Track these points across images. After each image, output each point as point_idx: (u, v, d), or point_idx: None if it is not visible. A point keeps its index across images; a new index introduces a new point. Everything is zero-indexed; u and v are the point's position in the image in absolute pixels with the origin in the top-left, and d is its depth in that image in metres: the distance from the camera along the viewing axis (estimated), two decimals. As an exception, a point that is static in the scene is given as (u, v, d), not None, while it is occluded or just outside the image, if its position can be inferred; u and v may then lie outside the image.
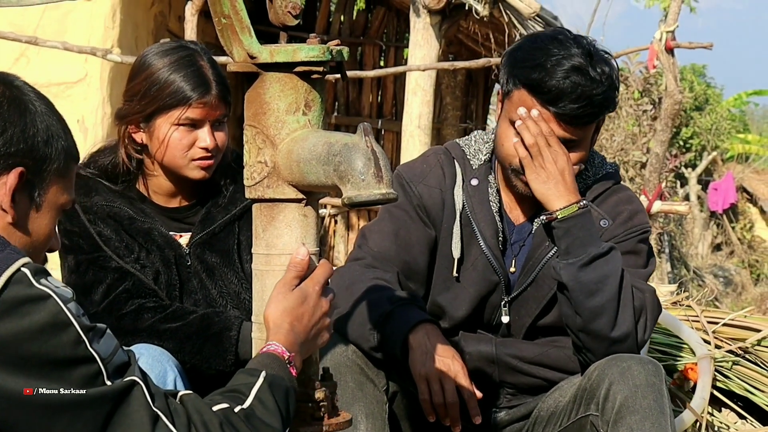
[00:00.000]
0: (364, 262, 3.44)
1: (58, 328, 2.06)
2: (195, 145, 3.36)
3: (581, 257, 3.22)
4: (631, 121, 14.69)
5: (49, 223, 2.30)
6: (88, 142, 8.66)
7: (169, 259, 3.39)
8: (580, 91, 3.25)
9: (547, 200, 3.26)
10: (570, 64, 3.25)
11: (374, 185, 2.32)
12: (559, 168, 3.26)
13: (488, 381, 3.44)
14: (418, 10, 8.92)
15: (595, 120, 3.34)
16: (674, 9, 8.29)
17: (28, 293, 2.06)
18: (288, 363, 2.37)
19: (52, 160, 2.26)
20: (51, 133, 2.27)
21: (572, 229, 3.24)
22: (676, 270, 14.48)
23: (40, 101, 2.29)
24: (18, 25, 8.37)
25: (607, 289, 3.22)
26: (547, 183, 3.25)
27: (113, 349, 2.14)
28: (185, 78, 3.33)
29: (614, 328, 3.24)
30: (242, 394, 2.27)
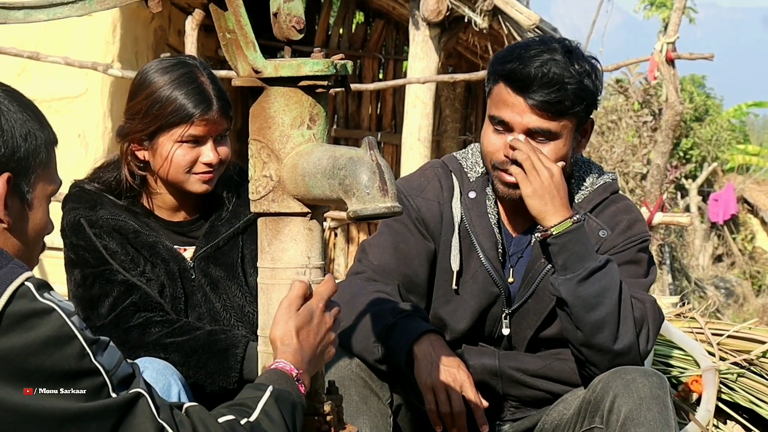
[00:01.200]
0: (365, 276, 3.44)
1: (63, 341, 2.06)
2: (198, 160, 3.37)
3: (579, 272, 3.22)
4: (631, 132, 14.70)
5: (43, 215, 2.30)
6: (89, 156, 8.68)
7: (174, 273, 3.40)
8: (552, 77, 3.25)
9: (542, 216, 3.26)
10: (547, 56, 3.28)
11: (379, 199, 2.32)
12: (554, 182, 3.25)
13: (492, 394, 3.43)
14: (417, 23, 8.93)
15: (569, 111, 3.30)
16: (674, 20, 8.31)
17: (33, 307, 2.06)
18: (296, 380, 2.38)
19: (34, 155, 2.25)
20: (28, 129, 2.24)
21: (568, 244, 3.24)
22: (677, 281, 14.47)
23: (8, 98, 2.25)
24: (20, 40, 8.39)
25: (607, 302, 3.22)
26: (543, 198, 3.24)
27: (117, 361, 2.15)
28: (187, 95, 3.34)
29: (616, 340, 3.24)
30: (248, 407, 2.27)
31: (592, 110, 3.37)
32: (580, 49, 3.37)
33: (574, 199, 3.43)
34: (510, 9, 8.48)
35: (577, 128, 3.35)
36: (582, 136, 3.40)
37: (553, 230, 3.24)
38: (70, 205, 3.41)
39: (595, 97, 3.34)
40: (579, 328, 3.24)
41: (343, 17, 11.69)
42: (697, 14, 28.48)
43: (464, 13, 8.67)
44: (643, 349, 3.30)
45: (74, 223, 3.37)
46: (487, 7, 8.49)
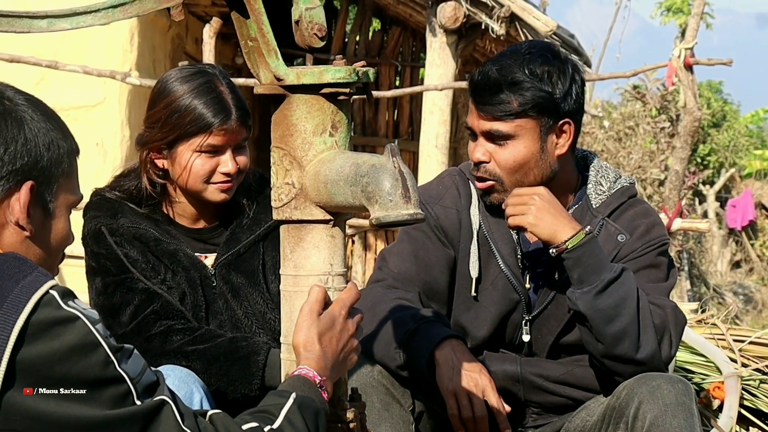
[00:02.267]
0: (386, 283, 3.44)
1: (88, 349, 2.07)
2: (217, 170, 3.37)
3: (595, 284, 3.21)
4: (649, 138, 14.68)
5: (64, 225, 2.30)
6: (108, 164, 8.70)
7: (195, 280, 3.40)
8: (493, 81, 3.28)
9: (553, 235, 3.24)
10: (502, 59, 3.32)
11: (402, 206, 2.32)
12: (546, 201, 3.25)
13: (513, 400, 3.43)
14: (434, 30, 8.94)
15: (520, 112, 3.29)
16: (692, 26, 8.29)
17: (58, 315, 2.07)
18: (319, 387, 2.38)
19: (57, 165, 2.26)
20: (51, 138, 2.25)
21: (582, 257, 3.22)
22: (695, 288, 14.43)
23: (32, 107, 2.26)
24: (38, 49, 8.43)
25: (626, 312, 3.21)
26: (544, 220, 3.23)
27: (141, 369, 2.15)
28: (206, 105, 3.34)
29: (638, 350, 3.23)
30: (272, 414, 2.27)
31: (557, 111, 3.32)
32: (547, 50, 3.37)
33: (591, 204, 3.43)
34: (527, 16, 8.48)
35: (542, 129, 3.33)
36: (557, 136, 3.37)
37: (568, 244, 3.21)
38: (91, 214, 3.41)
39: (550, 97, 3.29)
40: (599, 341, 3.23)
41: (360, 24, 11.70)
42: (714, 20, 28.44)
43: (481, 20, 8.67)
44: (666, 356, 3.29)
45: (95, 231, 3.38)
46: (504, 13, 8.49)
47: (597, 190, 3.45)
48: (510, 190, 3.34)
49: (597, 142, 15.30)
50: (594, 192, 3.45)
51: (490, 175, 3.35)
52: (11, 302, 2.05)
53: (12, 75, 8.64)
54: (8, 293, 2.05)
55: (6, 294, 2.05)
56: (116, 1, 2.39)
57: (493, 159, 3.34)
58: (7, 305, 2.04)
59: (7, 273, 2.09)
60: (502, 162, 3.32)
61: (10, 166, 2.19)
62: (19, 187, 2.20)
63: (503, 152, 3.32)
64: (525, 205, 3.24)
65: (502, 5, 8.51)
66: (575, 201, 3.46)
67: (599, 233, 3.38)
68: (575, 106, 3.35)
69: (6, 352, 2.01)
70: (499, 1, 8.53)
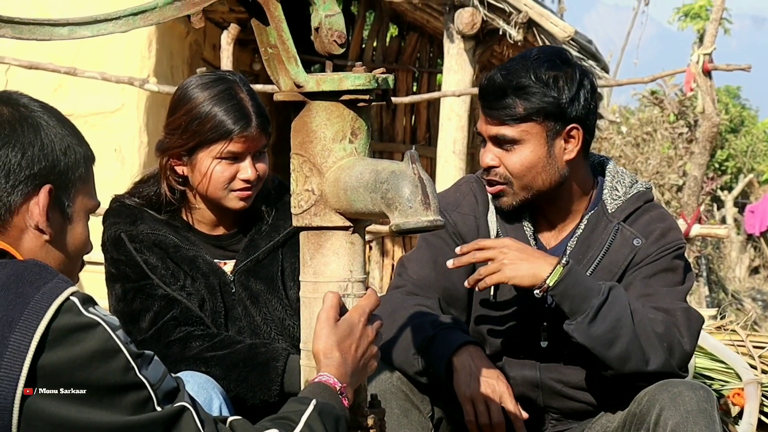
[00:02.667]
0: (405, 290, 3.45)
1: (108, 355, 2.07)
2: (236, 177, 3.38)
3: (586, 312, 3.19)
4: (667, 144, 14.65)
5: (83, 230, 2.31)
6: (126, 170, 8.73)
7: (214, 287, 3.40)
8: (499, 84, 3.30)
9: (534, 278, 3.20)
10: (510, 64, 3.34)
11: (422, 212, 2.32)
12: (515, 247, 3.23)
13: (533, 406, 3.43)
14: (452, 36, 8.95)
15: (525, 117, 3.30)
16: (711, 31, 8.28)
17: (78, 321, 2.07)
18: (339, 393, 2.38)
19: (74, 169, 2.28)
20: (67, 143, 2.27)
21: (567, 289, 3.21)
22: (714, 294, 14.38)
23: (47, 114, 2.29)
24: (56, 56, 8.45)
25: (623, 332, 3.20)
26: (521, 267, 3.20)
27: (161, 375, 2.16)
28: (226, 112, 3.35)
29: (647, 363, 3.22)
30: (292, 421, 2.27)
31: (564, 116, 3.32)
32: (555, 55, 3.37)
33: (607, 209, 3.43)
34: (545, 21, 8.48)
35: (548, 134, 3.33)
36: (565, 141, 3.37)
37: (548, 282, 3.19)
38: (111, 220, 3.42)
39: (557, 102, 3.30)
40: (606, 365, 3.24)
41: (377, 31, 11.71)
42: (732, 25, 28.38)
43: (499, 25, 8.67)
44: (679, 360, 3.27)
45: (115, 237, 3.39)
46: (521, 19, 8.49)
47: (612, 195, 3.45)
48: (520, 193, 3.36)
49: (615, 147, 15.27)
50: (609, 197, 3.45)
51: (500, 179, 3.36)
52: (32, 308, 2.05)
53: (30, 82, 8.69)
54: (29, 299, 2.06)
55: (27, 300, 2.06)
56: (136, 9, 2.40)
57: (502, 163, 3.35)
58: (28, 311, 2.05)
59: (28, 279, 2.10)
60: (510, 166, 3.33)
61: (27, 170, 2.21)
62: (38, 191, 2.22)
63: (511, 157, 3.33)
64: (497, 262, 3.22)
65: (520, 11, 8.51)
66: (591, 206, 3.46)
67: (615, 238, 3.39)
68: (584, 111, 3.34)
69: (27, 357, 2.02)
70: (517, 7, 8.53)
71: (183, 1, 2.41)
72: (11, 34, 2.26)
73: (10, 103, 2.27)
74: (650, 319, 3.25)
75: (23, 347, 2.02)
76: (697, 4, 27.76)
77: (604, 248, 3.39)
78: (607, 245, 3.39)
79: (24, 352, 2.02)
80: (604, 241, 3.39)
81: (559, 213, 3.45)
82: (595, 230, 3.42)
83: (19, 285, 2.08)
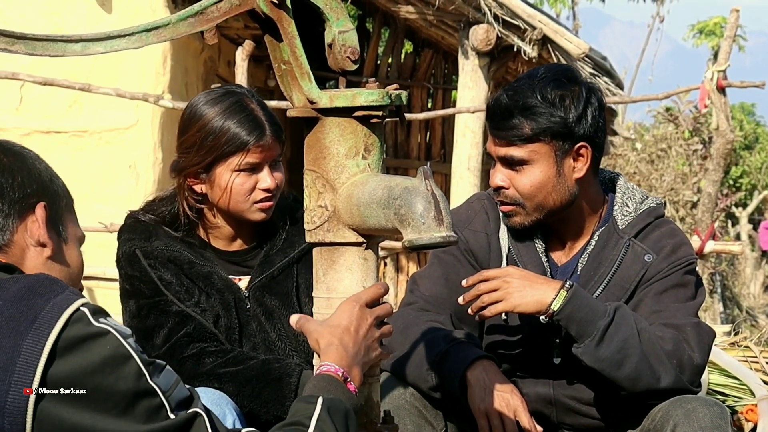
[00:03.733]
0: (417, 306, 3.46)
1: (120, 361, 2.10)
2: (256, 187, 3.38)
3: (593, 335, 3.19)
4: (681, 160, 14.65)
5: (78, 254, 2.37)
6: (140, 186, 8.74)
7: (229, 303, 3.40)
8: (504, 107, 3.30)
9: (540, 303, 3.20)
10: (517, 84, 3.33)
11: (435, 228, 2.32)
12: (516, 275, 3.23)
13: (546, 422, 3.43)
14: (466, 52, 8.96)
15: (533, 137, 3.29)
16: (725, 48, 8.28)
17: (88, 331, 2.10)
18: (344, 380, 2.37)
19: (60, 196, 2.36)
20: (50, 173, 2.36)
21: (572, 313, 3.20)
22: (728, 310, 14.37)
23: (29, 151, 2.38)
24: (71, 72, 8.47)
25: (631, 352, 3.20)
26: (525, 295, 3.20)
27: (173, 383, 2.18)
28: (240, 123, 3.35)
29: (659, 380, 3.22)
30: (303, 425, 2.28)
31: (572, 135, 3.31)
32: (562, 73, 3.36)
33: (618, 225, 3.42)
34: (559, 38, 8.49)
35: (557, 153, 3.32)
36: (575, 160, 3.36)
37: (554, 307, 3.19)
38: (126, 236, 3.43)
39: (563, 122, 3.29)
40: (618, 385, 3.23)
41: (392, 47, 11.72)
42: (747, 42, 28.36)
43: (513, 42, 8.68)
44: (690, 376, 3.25)
45: (129, 253, 3.39)
46: (536, 36, 8.50)
47: (623, 212, 3.45)
48: (532, 213, 3.35)
49: (629, 164, 15.27)
50: (620, 213, 3.44)
51: (511, 200, 3.36)
52: (43, 319, 2.09)
53: (45, 98, 8.73)
54: (40, 311, 2.10)
55: (38, 311, 2.09)
56: (150, 25, 2.41)
57: (512, 185, 3.34)
58: (39, 322, 2.08)
59: (39, 291, 2.13)
60: (520, 187, 3.33)
61: (20, 191, 2.29)
62: (33, 209, 2.28)
63: (521, 177, 3.33)
64: (501, 291, 3.22)
65: (535, 27, 8.52)
66: (601, 223, 3.45)
67: (626, 254, 3.38)
68: (592, 129, 3.34)
69: (39, 366, 2.05)
70: (532, 24, 8.54)
71: (196, 18, 2.42)
72: (24, 51, 2.28)
73: None
74: (658, 337, 3.24)
75: (34, 356, 2.05)
76: (712, 21, 27.77)
77: (615, 264, 3.39)
78: (618, 261, 3.39)
79: (36, 361, 2.05)
80: (615, 258, 3.39)
81: (570, 230, 3.45)
82: (606, 246, 3.41)
83: (30, 297, 2.12)
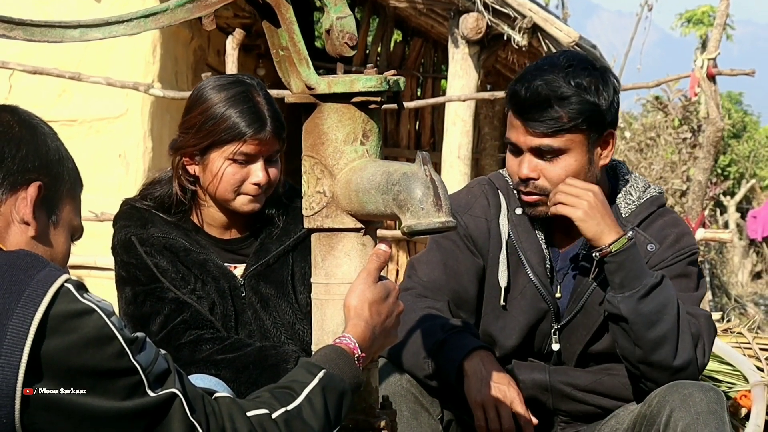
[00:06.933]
0: (415, 292, 3.44)
1: (103, 341, 2.10)
2: (247, 180, 3.38)
3: (638, 289, 3.20)
4: (670, 149, 14.66)
5: (66, 241, 2.35)
6: (130, 176, 8.72)
7: (224, 290, 3.41)
8: (543, 97, 3.25)
9: (599, 237, 3.23)
10: (545, 75, 3.28)
11: (434, 214, 2.33)
12: (599, 201, 3.24)
13: (542, 409, 3.43)
14: (456, 41, 8.95)
15: (569, 127, 3.28)
16: (715, 36, 8.29)
17: (74, 308, 2.10)
18: (356, 359, 2.40)
19: (64, 180, 2.33)
20: (61, 154, 2.34)
21: (625, 262, 3.22)
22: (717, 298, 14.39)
23: (46, 126, 2.35)
24: (61, 61, 8.45)
25: (667, 318, 3.20)
26: (594, 218, 3.22)
27: (153, 357, 2.19)
28: (241, 114, 3.35)
29: (676, 356, 3.22)
30: (294, 392, 2.30)
31: (603, 122, 3.32)
32: (586, 61, 3.36)
33: (621, 213, 3.42)
34: (549, 26, 8.48)
35: (589, 141, 3.32)
36: (602, 147, 3.37)
37: (612, 248, 3.21)
38: (121, 223, 3.43)
39: (598, 109, 3.29)
40: (638, 346, 3.23)
41: (382, 36, 11.70)
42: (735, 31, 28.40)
43: (503, 30, 8.67)
44: (701, 364, 3.29)
45: (125, 240, 3.39)
46: (526, 24, 8.49)
47: (627, 200, 3.45)
48: None
49: (618, 152, 15.28)
50: (624, 201, 3.44)
51: (539, 191, 3.33)
52: (28, 296, 2.08)
53: (35, 87, 8.70)
54: (24, 287, 2.09)
55: (23, 288, 2.09)
56: (148, 11, 2.40)
57: (543, 175, 3.31)
58: (25, 299, 2.08)
59: (21, 267, 2.13)
60: (553, 177, 3.30)
61: (20, 165, 2.27)
62: (27, 186, 2.26)
63: (554, 167, 3.30)
64: (578, 198, 3.23)
65: (525, 16, 8.51)
66: None
67: None
68: (616, 115, 3.36)
69: (27, 345, 2.05)
70: (522, 12, 8.53)
71: (194, 4, 2.42)
72: (23, 36, 2.27)
73: (8, 111, 2.33)
74: (689, 317, 3.26)
75: (21, 335, 2.05)
76: (700, 9, 27.80)
77: None
78: None
79: (23, 340, 2.05)
80: None
81: None
82: None
83: (13, 273, 2.11)
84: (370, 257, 2.48)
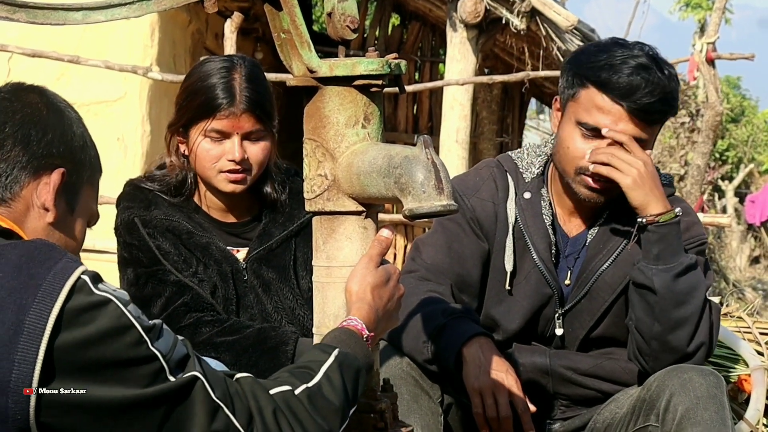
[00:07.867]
0: (418, 275, 3.44)
1: (121, 331, 2.10)
2: (223, 157, 3.37)
3: (674, 265, 3.21)
4: (669, 133, 14.66)
5: (82, 229, 2.36)
6: (128, 159, 8.71)
7: (227, 274, 3.40)
8: (653, 85, 3.22)
9: (646, 204, 3.23)
10: (636, 62, 3.24)
11: (435, 197, 2.32)
12: (650, 171, 3.24)
13: (542, 392, 3.44)
14: (454, 25, 8.93)
15: (664, 118, 3.33)
16: (715, 20, 8.29)
17: (90, 300, 2.09)
18: (365, 340, 2.41)
19: (86, 167, 2.34)
20: (85, 140, 2.34)
21: (667, 236, 3.22)
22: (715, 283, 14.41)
23: (72, 110, 2.36)
24: (59, 44, 8.43)
25: (694, 300, 3.22)
26: (644, 187, 3.22)
27: (172, 344, 2.18)
28: (212, 88, 3.34)
29: (692, 341, 3.24)
30: (311, 371, 2.30)
31: None
32: (657, 52, 3.35)
33: None
34: (548, 10, 8.47)
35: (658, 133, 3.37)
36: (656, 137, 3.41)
37: (660, 218, 3.22)
38: (124, 204, 3.43)
39: (678, 101, 3.35)
40: (659, 321, 3.23)
41: (379, 20, 11.69)
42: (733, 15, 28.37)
43: (502, 14, 8.65)
44: (707, 354, 3.30)
45: (128, 222, 3.39)
46: (524, 8, 8.47)
47: None
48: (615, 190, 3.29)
49: (616, 137, 15.23)
50: None
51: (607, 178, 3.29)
52: (45, 290, 2.07)
53: (33, 70, 8.67)
54: (41, 280, 2.08)
55: (39, 282, 2.08)
56: (150, -6, 2.40)
57: None
58: (42, 293, 2.07)
59: (38, 259, 2.12)
60: None
61: (46, 149, 2.26)
62: (50, 171, 2.26)
63: None
64: (629, 165, 3.22)
65: (523, 0, 8.50)
66: (615, 196, 3.43)
67: None
68: None
69: (44, 339, 2.04)
70: (520, -4, 8.52)
71: (196, -14, 2.41)
72: (26, 19, 2.27)
73: (37, 92, 2.33)
74: (712, 306, 3.28)
75: (39, 329, 2.04)
76: (698, -7, 27.74)
77: (626, 239, 3.38)
78: (629, 237, 3.37)
79: (40, 335, 2.04)
80: (627, 233, 3.38)
81: (582, 202, 3.41)
82: (619, 221, 3.40)
83: (30, 266, 2.10)
84: (372, 243, 2.48)
